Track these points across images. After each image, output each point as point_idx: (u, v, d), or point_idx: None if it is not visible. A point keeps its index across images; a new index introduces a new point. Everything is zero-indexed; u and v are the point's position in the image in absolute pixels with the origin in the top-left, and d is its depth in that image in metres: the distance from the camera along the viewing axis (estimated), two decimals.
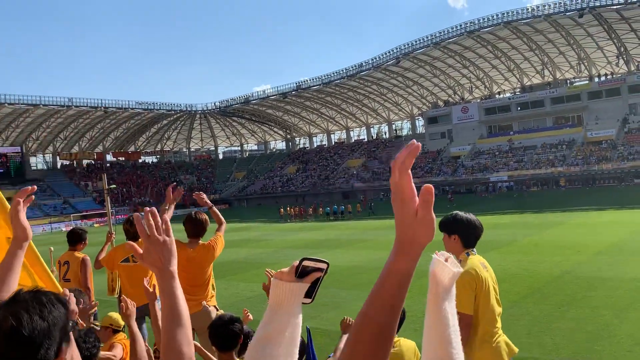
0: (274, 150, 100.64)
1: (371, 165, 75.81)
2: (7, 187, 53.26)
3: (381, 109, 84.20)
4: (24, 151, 77.58)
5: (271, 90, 79.57)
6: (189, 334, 1.31)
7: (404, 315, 3.44)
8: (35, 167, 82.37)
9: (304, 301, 1.09)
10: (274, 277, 1.09)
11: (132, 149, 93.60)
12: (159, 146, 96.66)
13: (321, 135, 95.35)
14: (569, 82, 68.02)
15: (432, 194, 0.95)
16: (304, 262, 1.07)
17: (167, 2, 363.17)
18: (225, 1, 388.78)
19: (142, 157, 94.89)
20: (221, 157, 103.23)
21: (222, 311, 5.11)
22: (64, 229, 48.63)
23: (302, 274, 1.07)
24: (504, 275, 12.14)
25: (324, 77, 72.91)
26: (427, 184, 0.95)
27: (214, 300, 5.41)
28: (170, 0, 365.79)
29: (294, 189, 76.81)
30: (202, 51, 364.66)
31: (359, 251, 20.09)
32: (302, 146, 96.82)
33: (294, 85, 76.06)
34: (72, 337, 1.17)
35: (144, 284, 2.98)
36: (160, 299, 1.35)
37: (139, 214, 1.35)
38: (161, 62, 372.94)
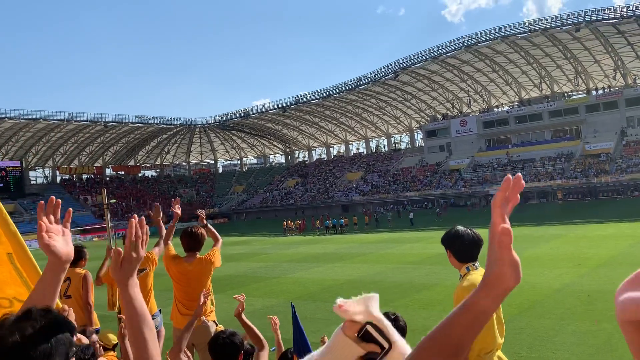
0: (274, 163, 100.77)
1: (370, 178, 75.91)
2: (6, 201, 53.27)
3: (380, 123, 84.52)
4: (24, 165, 77.63)
5: (270, 104, 79.90)
6: (152, 335, 1.46)
7: (406, 327, 3.43)
8: (34, 181, 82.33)
9: None
10: (340, 327, 1.02)
11: (131, 163, 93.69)
12: (159, 160, 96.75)
13: (320, 148, 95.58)
14: (566, 95, 68.38)
15: (507, 234, 0.90)
16: (367, 327, 1.00)
17: (167, 17, 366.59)
18: (225, 17, 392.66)
19: (141, 171, 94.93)
20: (220, 170, 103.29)
21: (222, 326, 5.10)
22: None
23: (365, 338, 1.00)
24: None
25: (323, 91, 73.25)
26: (504, 226, 0.90)
27: (213, 315, 5.39)
28: (170, 15, 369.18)
29: (294, 202, 76.75)
30: (201, 65, 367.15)
31: (359, 265, 20.04)
32: (301, 160, 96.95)
33: (293, 99, 76.37)
34: None
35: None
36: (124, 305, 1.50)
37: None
38: (161, 77, 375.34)
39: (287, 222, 45.57)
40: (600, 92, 64.44)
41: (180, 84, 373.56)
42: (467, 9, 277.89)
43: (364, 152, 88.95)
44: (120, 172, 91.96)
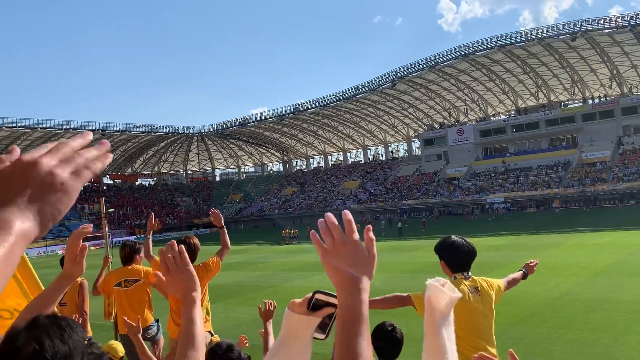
0: (271, 172, 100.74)
1: (368, 186, 75.94)
2: None
3: (378, 131, 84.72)
4: None
5: (268, 112, 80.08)
6: (201, 357, 1.43)
7: (402, 338, 3.43)
8: None
9: (317, 336, 1.06)
10: (287, 308, 1.06)
11: (129, 171, 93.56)
12: (156, 168, 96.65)
13: (318, 157, 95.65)
14: (563, 104, 68.72)
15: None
16: (317, 296, 1.04)
17: (166, 26, 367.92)
18: (223, 26, 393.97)
19: (139, 180, 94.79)
20: (218, 179, 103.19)
21: (217, 336, 5.08)
22: (59, 252, 48.23)
23: (315, 308, 1.03)
24: (501, 297, 12.07)
25: (321, 99, 73.44)
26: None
27: (209, 325, 5.37)
28: (169, 24, 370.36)
29: (291, 210, 76.68)
30: (200, 75, 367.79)
31: None
32: (299, 168, 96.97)
33: (291, 107, 76.50)
34: None
35: (124, 318, 2.98)
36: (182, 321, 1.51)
37: (174, 242, 1.51)
38: (158, 86, 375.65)
39: (285, 231, 45.50)
40: (596, 101, 64.80)
41: (179, 94, 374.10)
42: (464, 18, 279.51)
43: (361, 161, 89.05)
44: (117, 181, 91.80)
